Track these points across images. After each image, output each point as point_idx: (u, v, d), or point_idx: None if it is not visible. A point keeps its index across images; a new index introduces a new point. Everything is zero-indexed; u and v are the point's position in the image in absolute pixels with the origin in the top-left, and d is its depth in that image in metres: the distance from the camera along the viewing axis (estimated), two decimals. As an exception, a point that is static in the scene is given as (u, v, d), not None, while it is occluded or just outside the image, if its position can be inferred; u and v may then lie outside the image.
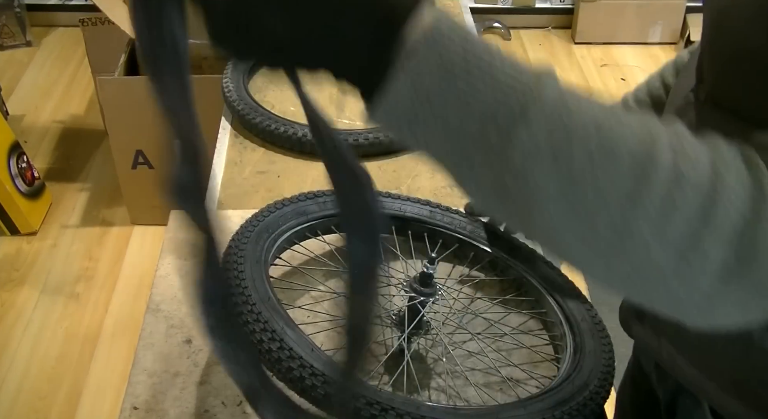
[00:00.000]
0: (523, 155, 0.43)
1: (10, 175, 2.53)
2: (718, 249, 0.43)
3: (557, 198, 0.43)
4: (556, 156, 0.42)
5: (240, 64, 0.81)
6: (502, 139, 0.43)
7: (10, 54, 3.61)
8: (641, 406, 0.96)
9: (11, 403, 2.05)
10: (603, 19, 3.79)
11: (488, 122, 0.42)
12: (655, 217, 0.42)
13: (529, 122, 0.42)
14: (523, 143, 0.42)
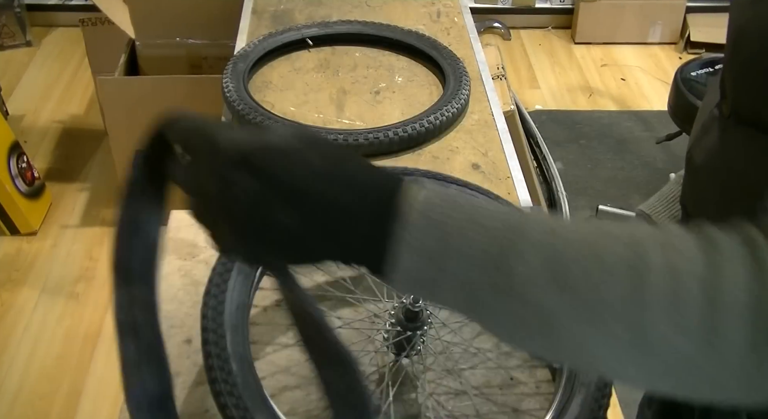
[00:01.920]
0: (525, 286, 0.45)
1: (10, 175, 2.53)
2: (737, 329, 0.43)
3: (570, 316, 0.45)
4: (555, 279, 0.45)
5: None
6: (504, 277, 0.46)
7: (10, 54, 3.62)
8: (673, 414, 0.96)
9: (11, 403, 2.05)
10: (603, 19, 3.79)
11: (488, 266, 0.46)
12: (664, 313, 0.44)
13: (521, 255, 0.45)
14: (522, 275, 0.45)
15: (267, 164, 0.48)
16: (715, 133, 0.67)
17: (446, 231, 0.46)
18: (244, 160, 0.48)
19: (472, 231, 0.46)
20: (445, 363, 0.93)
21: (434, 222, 0.46)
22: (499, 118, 1.49)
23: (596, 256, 0.45)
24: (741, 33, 0.60)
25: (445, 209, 0.47)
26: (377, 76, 1.60)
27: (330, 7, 1.88)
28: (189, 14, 2.49)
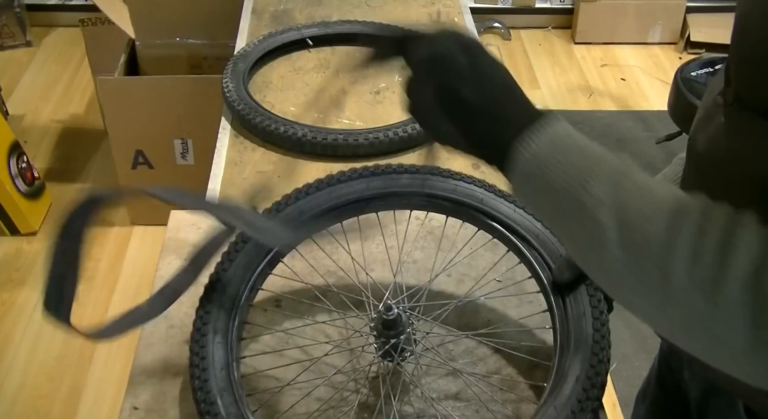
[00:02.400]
0: (595, 203, 0.56)
1: (10, 175, 2.53)
2: (738, 293, 0.49)
3: (619, 242, 0.54)
4: (617, 205, 0.55)
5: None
6: (584, 193, 0.57)
7: (10, 54, 3.62)
8: (667, 407, 0.97)
9: (12, 402, 2.05)
10: (603, 19, 3.79)
11: (575, 184, 0.57)
12: (686, 264, 0.51)
13: (597, 179, 0.57)
14: (595, 195, 0.56)
15: (475, 49, 0.66)
16: (719, 120, 0.67)
17: (556, 155, 0.58)
18: (461, 40, 0.66)
19: (574, 157, 0.58)
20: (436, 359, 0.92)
21: (552, 149, 0.59)
22: (499, 118, 1.49)
23: (651, 198, 0.54)
24: (747, 17, 0.61)
25: (559, 141, 0.59)
26: (377, 76, 1.60)
27: (330, 7, 1.88)
28: (189, 14, 2.49)
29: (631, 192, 0.55)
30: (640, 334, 2.20)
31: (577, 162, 0.58)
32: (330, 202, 0.98)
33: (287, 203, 0.99)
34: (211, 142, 1.41)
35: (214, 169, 1.33)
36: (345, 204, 0.97)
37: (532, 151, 0.59)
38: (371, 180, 0.99)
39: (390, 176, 0.99)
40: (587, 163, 0.57)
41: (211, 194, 1.28)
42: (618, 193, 0.55)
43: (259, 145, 1.39)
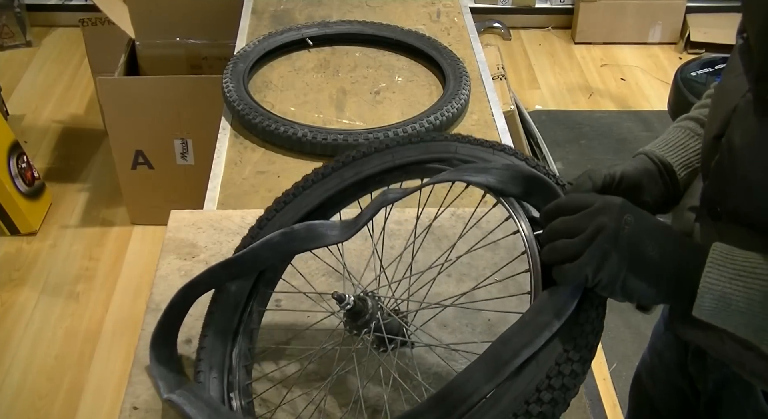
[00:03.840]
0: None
1: (10, 175, 2.53)
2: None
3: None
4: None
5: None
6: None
7: (10, 54, 3.62)
8: (664, 401, 0.97)
9: (11, 402, 2.05)
10: (603, 19, 3.79)
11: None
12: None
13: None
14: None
15: (641, 212, 0.69)
16: (751, 119, 0.69)
17: (733, 282, 0.64)
18: (625, 206, 0.69)
19: (759, 282, 0.64)
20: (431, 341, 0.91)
21: (726, 276, 0.65)
22: (499, 118, 1.49)
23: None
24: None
25: (732, 266, 0.65)
26: (377, 76, 1.60)
27: (330, 7, 1.88)
28: (189, 14, 2.49)
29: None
30: (640, 334, 2.20)
31: (758, 287, 0.64)
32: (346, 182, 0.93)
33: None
34: (211, 142, 1.41)
35: (214, 168, 1.33)
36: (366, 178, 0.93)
37: (716, 292, 0.65)
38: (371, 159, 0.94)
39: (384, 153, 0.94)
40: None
41: (211, 195, 1.28)
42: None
43: (259, 145, 1.39)
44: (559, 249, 0.69)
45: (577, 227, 0.68)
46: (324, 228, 0.84)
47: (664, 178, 0.84)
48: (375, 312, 0.83)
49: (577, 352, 0.69)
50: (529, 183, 0.78)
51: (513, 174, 0.78)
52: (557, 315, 0.70)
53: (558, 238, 0.69)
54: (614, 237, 0.66)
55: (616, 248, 0.66)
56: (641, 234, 0.67)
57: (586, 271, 0.67)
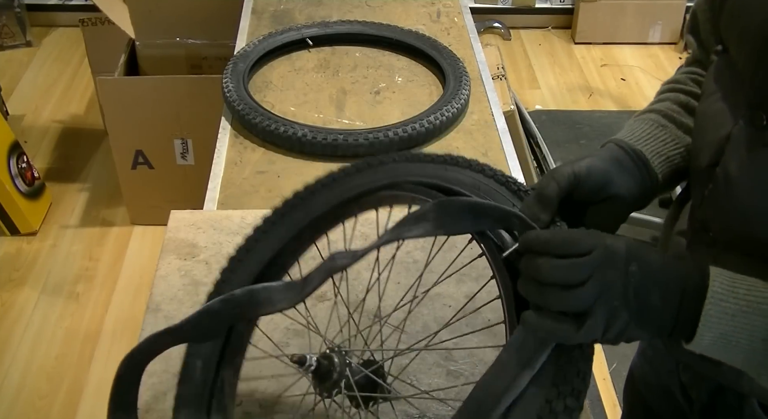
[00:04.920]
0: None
1: (10, 175, 2.53)
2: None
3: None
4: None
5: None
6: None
7: (10, 54, 3.62)
8: (656, 404, 0.97)
9: (11, 402, 2.05)
10: (603, 19, 3.79)
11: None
12: None
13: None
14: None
15: (644, 256, 0.62)
16: (752, 146, 0.67)
17: (739, 316, 0.61)
18: (630, 254, 0.62)
19: (758, 317, 0.61)
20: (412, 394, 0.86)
21: (731, 311, 0.61)
22: (499, 118, 1.49)
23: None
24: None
25: (738, 299, 0.61)
26: (377, 76, 1.60)
27: (330, 7, 1.88)
28: (189, 14, 2.49)
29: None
30: (640, 334, 2.20)
31: (757, 322, 0.61)
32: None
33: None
34: (211, 142, 1.41)
35: (214, 168, 1.33)
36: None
37: (716, 330, 0.61)
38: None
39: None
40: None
41: (212, 195, 1.28)
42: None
43: (259, 145, 1.39)
44: (552, 301, 0.61)
45: (574, 277, 0.60)
46: (267, 292, 0.74)
47: (638, 165, 0.77)
48: (343, 369, 0.75)
49: (560, 402, 0.63)
50: (477, 212, 0.69)
51: (452, 211, 0.69)
52: (533, 354, 0.63)
53: (544, 281, 0.61)
54: (624, 294, 0.60)
55: (625, 304, 0.60)
56: (646, 283, 0.61)
57: (595, 335, 0.61)
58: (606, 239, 0.62)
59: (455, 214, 0.68)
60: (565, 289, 0.60)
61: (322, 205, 0.83)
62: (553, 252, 0.61)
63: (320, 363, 0.74)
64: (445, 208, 0.68)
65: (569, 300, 0.60)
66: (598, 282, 0.60)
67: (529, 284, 0.63)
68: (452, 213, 0.68)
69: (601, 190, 0.73)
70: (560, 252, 0.61)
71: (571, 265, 0.60)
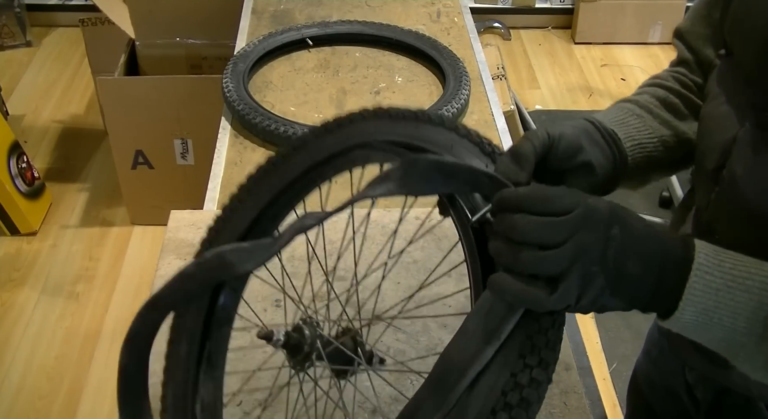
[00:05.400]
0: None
1: (10, 175, 2.53)
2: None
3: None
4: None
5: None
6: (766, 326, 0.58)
7: (10, 54, 3.61)
8: (661, 406, 0.97)
9: (11, 402, 2.05)
10: (603, 19, 3.79)
11: (754, 320, 0.58)
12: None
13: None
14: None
15: (627, 219, 0.58)
16: (759, 148, 0.67)
17: (725, 292, 0.58)
18: (613, 216, 0.57)
19: (744, 294, 0.58)
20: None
21: (714, 286, 0.58)
22: (499, 118, 1.49)
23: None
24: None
25: (723, 273, 0.58)
26: (377, 76, 1.60)
27: (330, 7, 1.88)
28: (189, 14, 2.49)
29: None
30: (640, 334, 2.19)
31: (743, 299, 0.58)
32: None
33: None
34: (211, 142, 1.41)
35: (214, 168, 1.33)
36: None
37: (699, 305, 0.58)
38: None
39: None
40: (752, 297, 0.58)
41: (212, 195, 1.28)
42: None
43: (259, 145, 1.39)
44: (525, 262, 0.56)
45: (550, 237, 0.55)
46: (236, 253, 0.69)
47: (607, 140, 0.75)
48: (314, 341, 0.71)
49: (526, 374, 0.58)
50: (445, 172, 0.63)
51: (418, 170, 0.62)
52: (501, 322, 0.59)
53: (519, 239, 0.56)
54: (602, 259, 0.56)
55: (603, 270, 0.56)
56: (627, 249, 0.57)
57: (569, 301, 0.56)
58: (587, 198, 0.57)
59: (421, 174, 0.62)
60: (540, 250, 0.55)
61: (296, 169, 0.79)
62: (530, 209, 0.57)
63: (289, 336, 0.70)
64: (410, 167, 0.62)
65: (544, 262, 0.55)
66: (576, 244, 0.55)
67: (501, 243, 0.58)
68: (418, 173, 0.62)
69: (573, 156, 0.71)
70: (538, 210, 0.56)
71: (548, 224, 0.55)
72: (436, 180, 0.62)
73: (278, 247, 0.66)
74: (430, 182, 0.63)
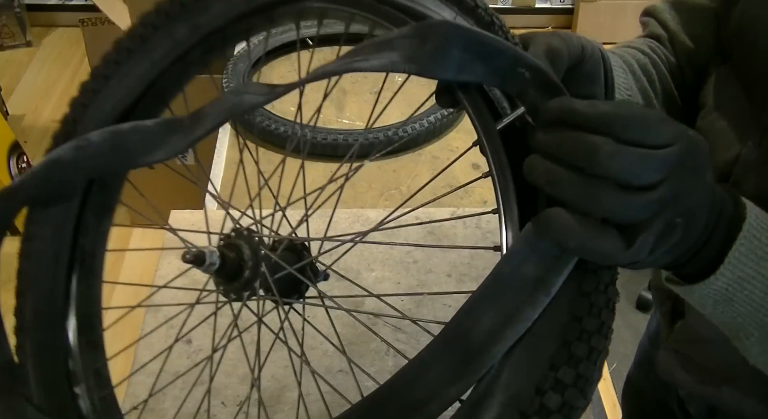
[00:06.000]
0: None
1: (10, 175, 2.53)
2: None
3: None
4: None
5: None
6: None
7: (10, 54, 3.61)
8: (655, 417, 0.96)
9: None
10: (603, 19, 3.79)
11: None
12: None
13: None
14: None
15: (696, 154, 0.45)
16: (764, 167, 0.63)
17: (760, 264, 0.49)
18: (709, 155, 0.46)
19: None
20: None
21: (758, 254, 0.49)
22: (499, 118, 1.49)
23: None
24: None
25: (763, 246, 0.50)
26: (377, 76, 1.60)
27: (330, 7, 1.87)
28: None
29: None
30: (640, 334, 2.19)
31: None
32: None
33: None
34: (211, 142, 1.41)
35: (214, 169, 1.33)
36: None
37: (734, 274, 0.49)
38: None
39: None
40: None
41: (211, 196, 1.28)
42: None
43: (259, 144, 1.39)
44: (603, 204, 0.42)
45: (644, 175, 0.42)
46: (139, 134, 0.51)
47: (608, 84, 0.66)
48: (258, 262, 0.55)
49: (583, 343, 0.45)
50: (474, 50, 0.45)
51: (438, 41, 0.44)
52: (549, 272, 0.44)
53: (597, 171, 0.42)
54: (692, 208, 0.45)
55: (686, 222, 0.45)
56: (705, 197, 0.47)
57: (641, 256, 0.44)
58: (688, 130, 0.44)
59: (440, 47, 0.44)
60: (625, 190, 0.42)
61: (218, 16, 0.59)
62: (616, 133, 0.42)
63: (225, 257, 0.54)
64: (429, 31, 0.44)
65: (631, 206, 0.42)
66: (672, 187, 0.43)
67: (563, 170, 0.43)
68: (436, 45, 0.44)
69: (592, 82, 0.61)
70: (628, 136, 0.42)
71: (644, 157, 0.42)
72: (459, 60, 0.45)
73: (203, 133, 0.49)
74: (447, 61, 0.45)
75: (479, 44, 0.44)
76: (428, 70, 0.46)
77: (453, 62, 0.45)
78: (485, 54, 0.45)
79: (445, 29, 0.44)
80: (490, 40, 0.45)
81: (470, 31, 0.45)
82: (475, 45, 0.44)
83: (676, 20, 0.78)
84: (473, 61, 0.45)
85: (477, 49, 0.44)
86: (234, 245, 0.56)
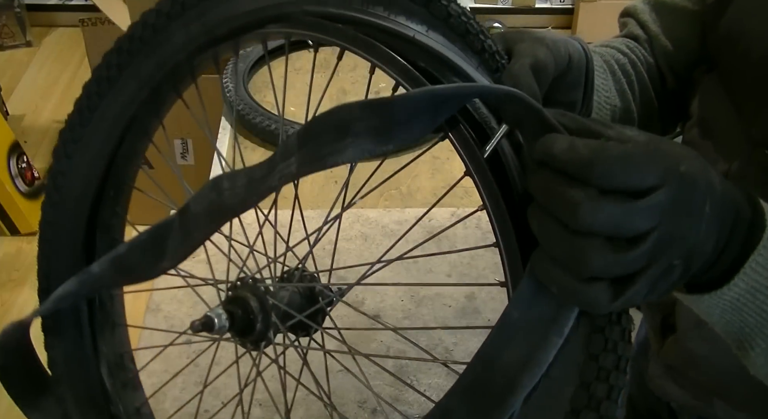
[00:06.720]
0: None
1: (10, 175, 2.53)
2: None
3: None
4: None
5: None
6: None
7: (10, 54, 3.61)
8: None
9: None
10: (603, 19, 3.79)
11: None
12: None
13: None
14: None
15: (714, 185, 0.44)
16: (756, 183, 0.61)
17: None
18: (706, 187, 0.42)
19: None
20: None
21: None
22: (499, 118, 1.49)
23: None
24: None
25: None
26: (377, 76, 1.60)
27: (330, 7, 1.88)
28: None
29: None
30: (640, 334, 2.19)
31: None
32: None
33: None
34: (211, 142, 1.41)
35: (214, 168, 1.33)
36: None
37: (747, 284, 0.47)
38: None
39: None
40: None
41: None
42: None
43: (258, 145, 1.39)
44: (589, 266, 0.40)
45: (630, 228, 0.40)
46: (137, 253, 0.53)
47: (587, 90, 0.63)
48: (267, 310, 0.55)
49: (603, 383, 0.42)
50: (443, 101, 0.43)
51: (400, 109, 0.43)
52: (560, 311, 0.42)
53: (581, 229, 0.40)
54: (690, 250, 0.42)
55: (685, 262, 0.43)
56: (711, 225, 0.43)
57: (634, 303, 0.43)
58: (680, 163, 0.41)
59: (403, 114, 0.43)
60: (613, 246, 0.40)
61: (179, 47, 0.58)
62: (597, 183, 0.39)
63: (233, 315, 0.53)
64: (383, 110, 0.42)
65: (619, 263, 0.40)
66: (663, 235, 0.40)
67: (550, 221, 0.41)
68: (398, 114, 0.43)
69: (573, 90, 0.59)
70: (609, 185, 0.39)
71: (630, 209, 0.39)
72: (428, 112, 0.43)
73: (199, 237, 0.49)
74: (418, 118, 0.43)
75: (442, 96, 0.42)
76: (403, 138, 0.44)
77: (424, 118, 0.43)
78: (451, 98, 0.43)
79: (400, 103, 0.42)
80: (451, 92, 0.43)
81: (427, 92, 0.43)
82: (441, 98, 0.43)
83: (657, 23, 0.77)
84: (442, 106, 0.43)
85: (442, 100, 0.43)
86: (240, 298, 0.55)
